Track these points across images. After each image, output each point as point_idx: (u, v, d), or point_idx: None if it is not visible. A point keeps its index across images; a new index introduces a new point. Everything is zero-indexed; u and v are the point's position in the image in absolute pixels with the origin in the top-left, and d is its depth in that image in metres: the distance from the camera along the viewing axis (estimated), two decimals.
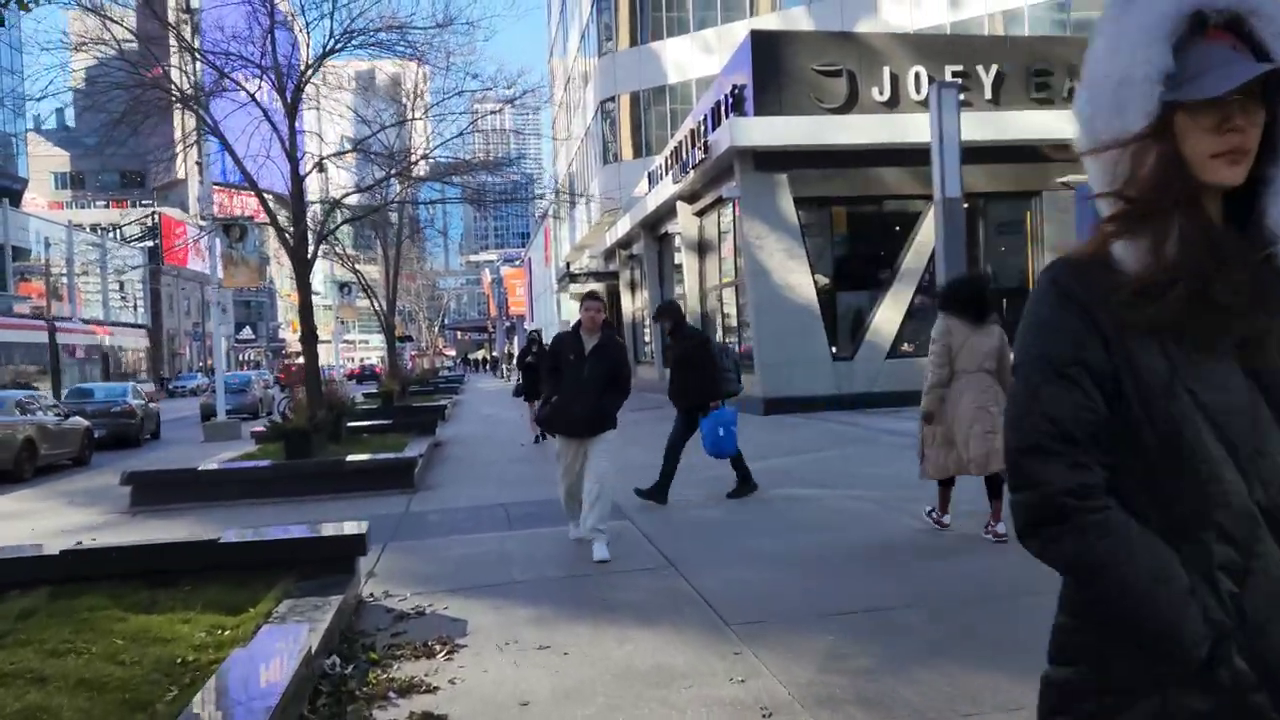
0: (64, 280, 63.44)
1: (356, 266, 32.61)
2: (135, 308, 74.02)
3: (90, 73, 22.94)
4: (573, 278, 38.99)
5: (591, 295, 8.07)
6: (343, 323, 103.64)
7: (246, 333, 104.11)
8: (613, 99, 39.31)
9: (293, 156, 14.87)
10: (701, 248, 24.18)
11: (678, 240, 27.17)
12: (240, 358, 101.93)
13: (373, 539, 8.18)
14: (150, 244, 76.04)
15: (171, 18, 16.99)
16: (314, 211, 16.58)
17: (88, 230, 71.86)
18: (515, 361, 18.80)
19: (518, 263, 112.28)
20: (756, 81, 19.38)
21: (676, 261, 28.30)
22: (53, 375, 40.97)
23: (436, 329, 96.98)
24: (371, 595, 6.74)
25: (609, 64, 39.29)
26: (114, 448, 22.87)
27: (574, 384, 7.48)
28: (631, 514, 9.29)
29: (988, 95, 19.36)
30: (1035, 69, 20.14)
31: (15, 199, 62.36)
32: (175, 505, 11.40)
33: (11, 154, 66.44)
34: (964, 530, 7.66)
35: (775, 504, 9.66)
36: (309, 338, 15.11)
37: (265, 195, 16.17)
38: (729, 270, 22.56)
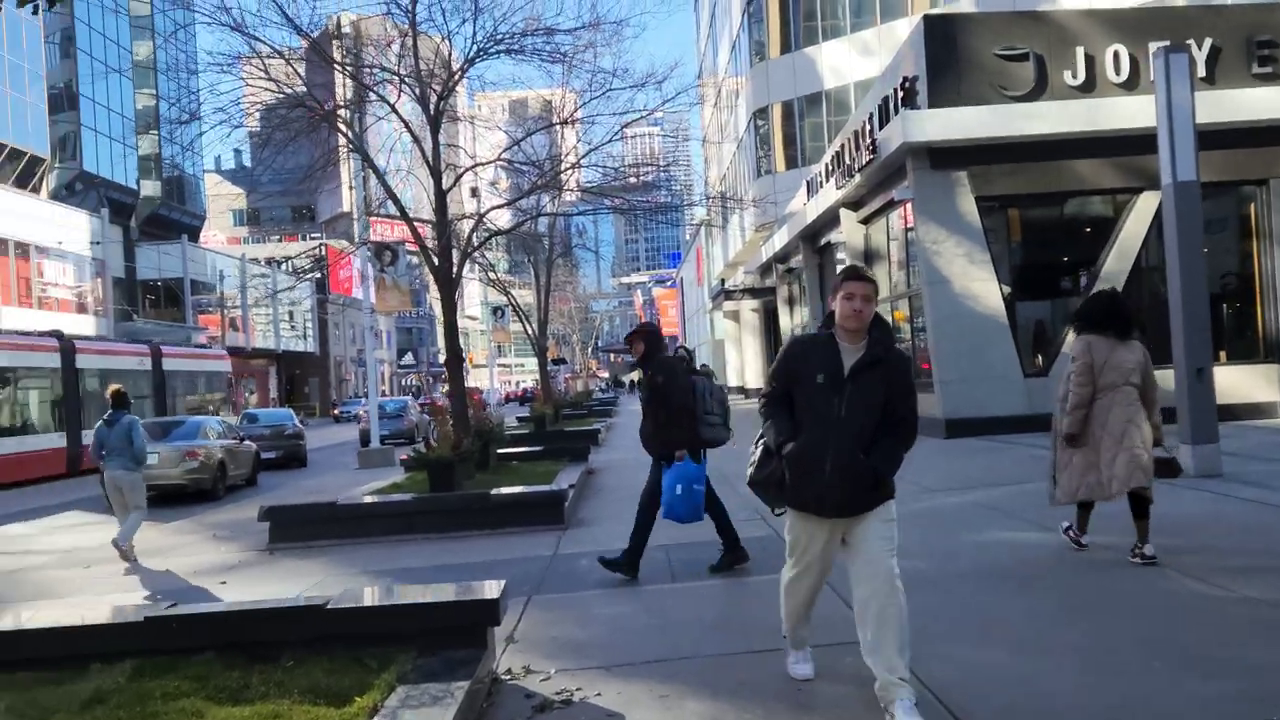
0: (239, 311, 66.16)
1: (509, 289, 32.14)
2: (304, 336, 76.67)
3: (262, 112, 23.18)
4: (727, 295, 37.63)
5: (855, 273, 4.51)
6: (498, 347, 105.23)
7: (408, 358, 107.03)
8: (765, 110, 37.89)
9: (436, 170, 14.07)
10: (868, 257, 22.43)
11: (840, 251, 25.44)
12: (402, 383, 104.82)
13: (517, 589, 7.04)
14: (317, 275, 78.74)
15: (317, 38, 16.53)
16: (459, 228, 15.80)
17: (261, 263, 74.91)
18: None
19: (669, 283, 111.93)
20: (931, 71, 17.63)
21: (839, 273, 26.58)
22: (155, 397, 41.63)
23: (589, 351, 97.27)
24: (509, 672, 5.50)
25: (761, 74, 37.91)
26: (280, 468, 24.64)
27: (825, 423, 4.40)
28: None
29: (1201, 73, 17.03)
30: (1257, 40, 17.68)
31: (194, 235, 65.37)
32: (313, 543, 10.59)
33: (194, 193, 69.81)
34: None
35: (992, 549, 8.01)
36: (454, 361, 14.25)
37: (409, 213, 15.44)
38: (900, 280, 20.75)
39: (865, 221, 22.43)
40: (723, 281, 46.54)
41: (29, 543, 13.99)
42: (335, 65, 14.97)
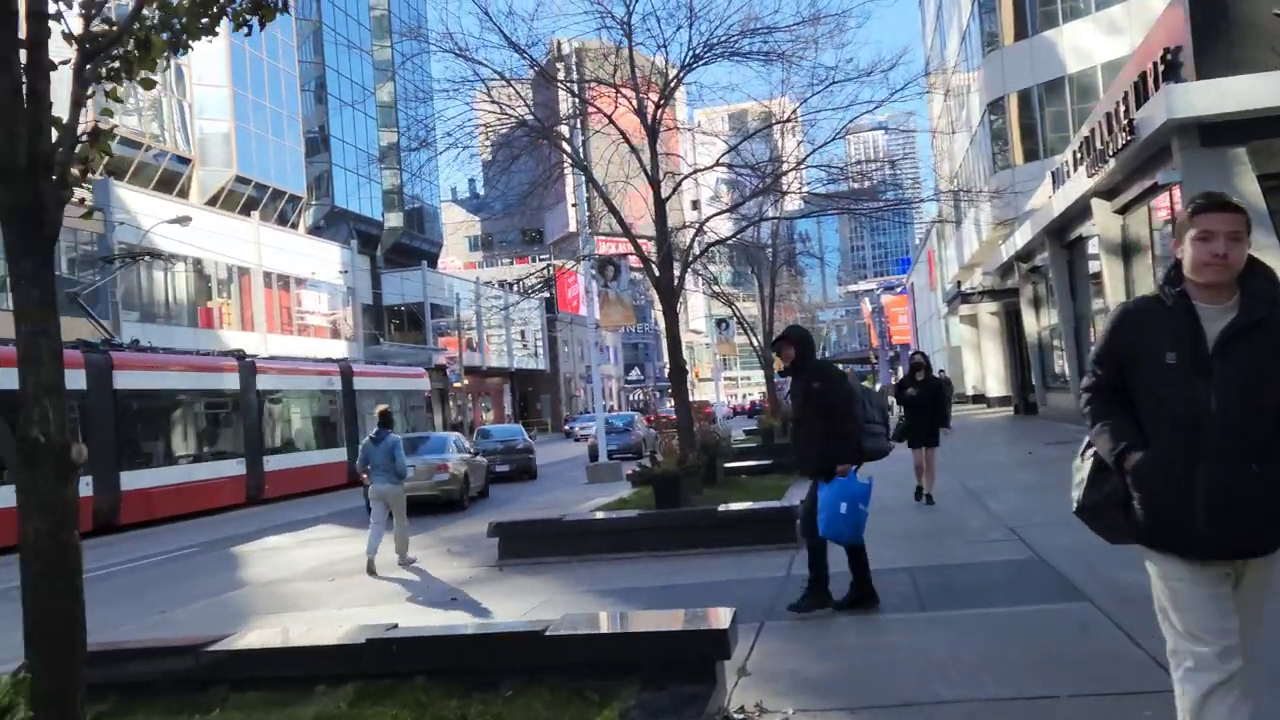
0: (474, 332, 69.22)
1: (732, 301, 31.74)
2: (535, 354, 79.29)
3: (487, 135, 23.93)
4: (964, 297, 35.70)
5: (1215, 203, 3.05)
6: (724, 360, 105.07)
7: (635, 374, 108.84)
8: (1000, 101, 35.75)
9: (655, 180, 13.81)
10: (1126, 250, 20.50)
11: (1093, 244, 23.45)
12: (629, 398, 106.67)
13: (747, 614, 6.47)
14: (546, 295, 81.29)
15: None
16: (679, 239, 15.49)
17: (495, 285, 78.14)
18: (895, 395, 15.09)
19: (899, 289, 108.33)
20: (1197, 39, 15.82)
21: (1092, 270, 24.52)
22: (345, 416, 43.81)
23: None
24: (742, 710, 4.95)
25: (995, 63, 35.83)
26: (512, 481, 25.92)
27: (1186, 421, 2.99)
28: (1093, 591, 6.86)
29: None
30: None
31: (433, 261, 68.97)
32: (541, 559, 10.43)
33: (432, 222, 73.82)
34: None
35: None
36: (678, 374, 13.90)
37: (629, 226, 15.26)
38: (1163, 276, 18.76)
39: (1122, 211, 20.51)
40: (959, 284, 44.29)
41: (284, 555, 14.70)
42: (559, 84, 14.99)
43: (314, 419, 30.44)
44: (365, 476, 11.99)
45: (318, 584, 10.58)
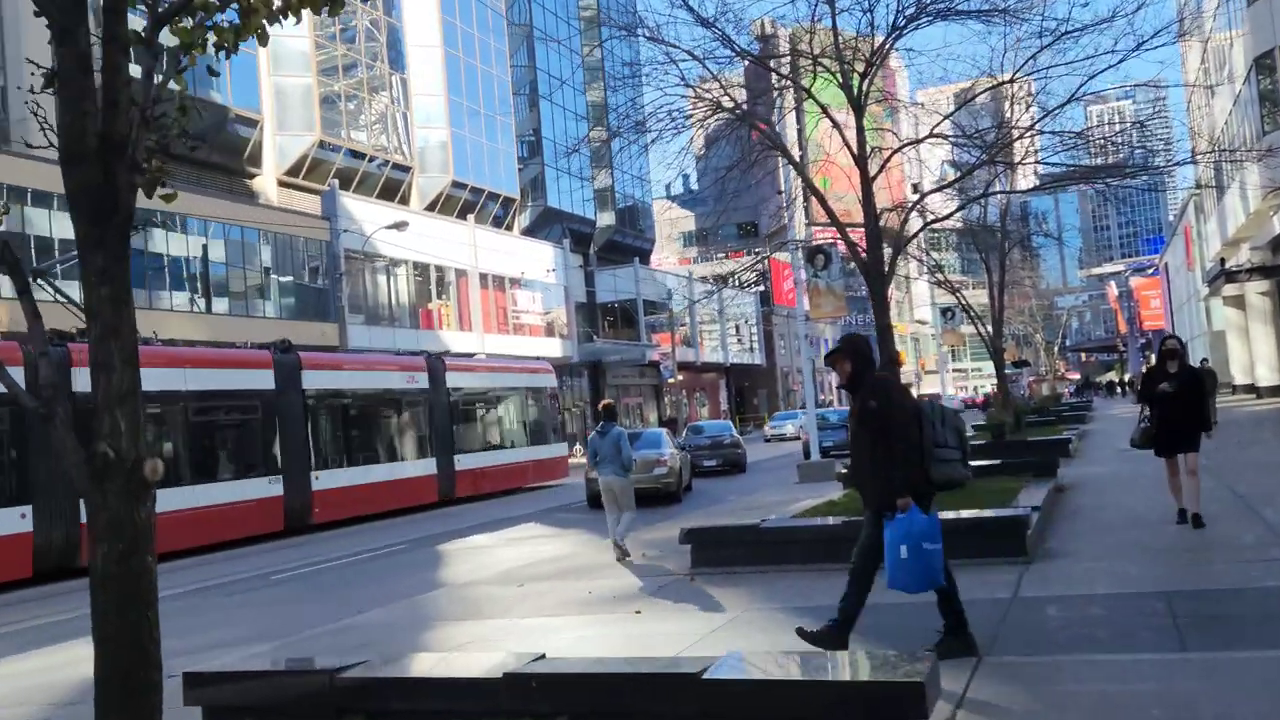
0: (689, 328, 69.10)
1: (957, 288, 29.73)
2: (751, 349, 78.42)
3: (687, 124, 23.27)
4: (1229, 276, 32.05)
5: None
6: (951, 351, 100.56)
7: None
8: (1270, 54, 31.82)
9: (860, 156, 12.67)
10: None
11: None
12: None
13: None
14: (761, 288, 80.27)
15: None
16: (889, 222, 14.22)
17: (710, 281, 77.85)
18: (1139, 389, 12.28)
19: (1150, 271, 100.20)
20: None
21: None
22: (430, 420, 43.40)
23: (1055, 351, 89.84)
24: None
25: (1263, 12, 31.95)
26: (721, 476, 26.42)
27: None
28: None
29: None
30: None
31: (645, 257, 69.35)
32: (735, 569, 9.62)
33: (645, 218, 74.28)
34: None
35: None
36: (887, 366, 12.68)
37: (838, 216, 14.16)
38: None
39: None
40: (1221, 262, 40.02)
41: (486, 555, 14.54)
42: (763, 64, 14.07)
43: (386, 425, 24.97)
44: (592, 470, 12.42)
45: (508, 589, 10.16)
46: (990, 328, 26.72)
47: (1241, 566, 7.85)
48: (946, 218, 13.38)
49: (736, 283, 79.52)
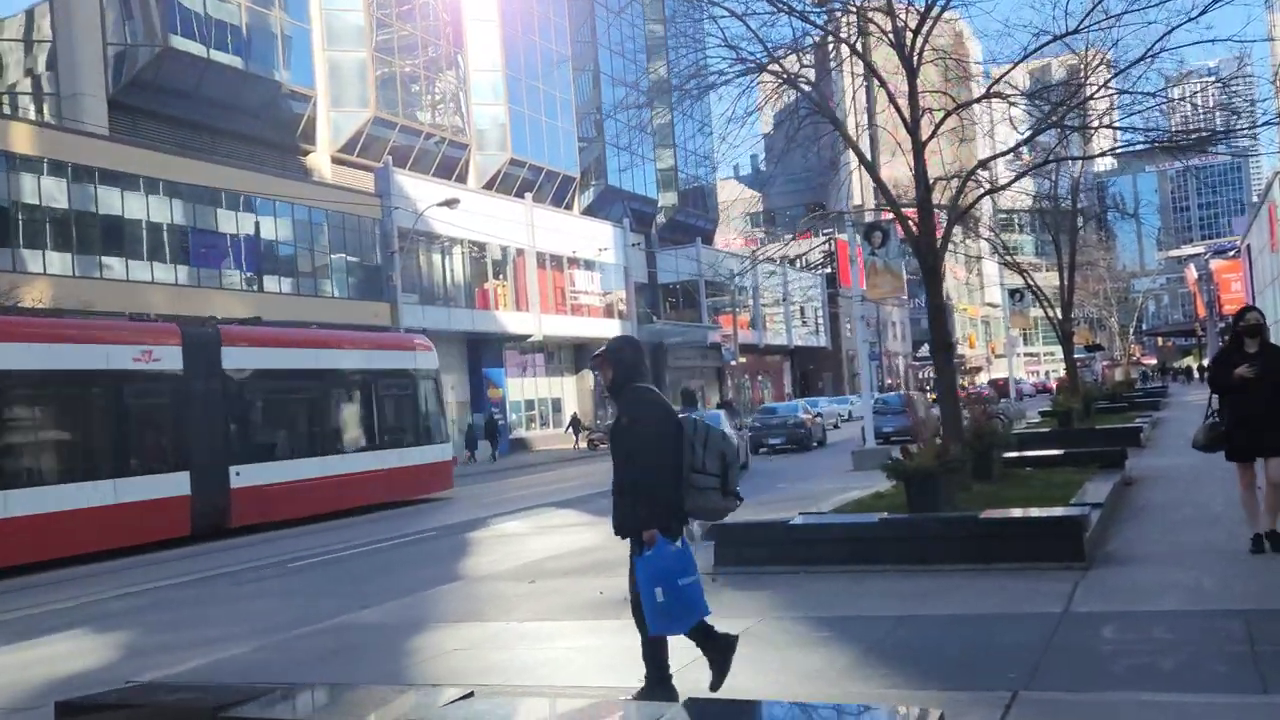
0: (751, 310, 68.03)
1: (1024, 269, 28.39)
2: (816, 331, 77.03)
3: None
4: None
5: None
6: (1022, 334, 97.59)
7: (924, 350, 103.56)
8: None
9: (912, 118, 11.70)
10: None
11: None
12: (919, 375, 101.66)
13: (999, 672, 4.71)
14: (828, 270, 78.81)
15: None
16: (944, 191, 13.20)
17: (777, 261, 76.52)
18: (1210, 373, 9.34)
19: (1232, 253, 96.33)
20: None
21: None
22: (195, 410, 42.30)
23: (1131, 335, 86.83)
24: None
25: None
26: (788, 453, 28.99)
27: None
28: None
29: None
30: None
31: (709, 238, 68.30)
32: (763, 569, 8.85)
33: (710, 199, 73.11)
34: None
35: None
36: (941, 348, 11.77)
37: (889, 188, 13.20)
38: None
39: None
40: None
41: (513, 545, 13.95)
42: (801, 18, 13.12)
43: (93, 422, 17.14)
44: None
45: (519, 586, 9.51)
46: (1060, 310, 25.38)
47: None
48: (1007, 186, 12.33)
49: (804, 264, 78.25)
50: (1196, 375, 68.44)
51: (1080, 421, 23.50)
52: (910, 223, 11.84)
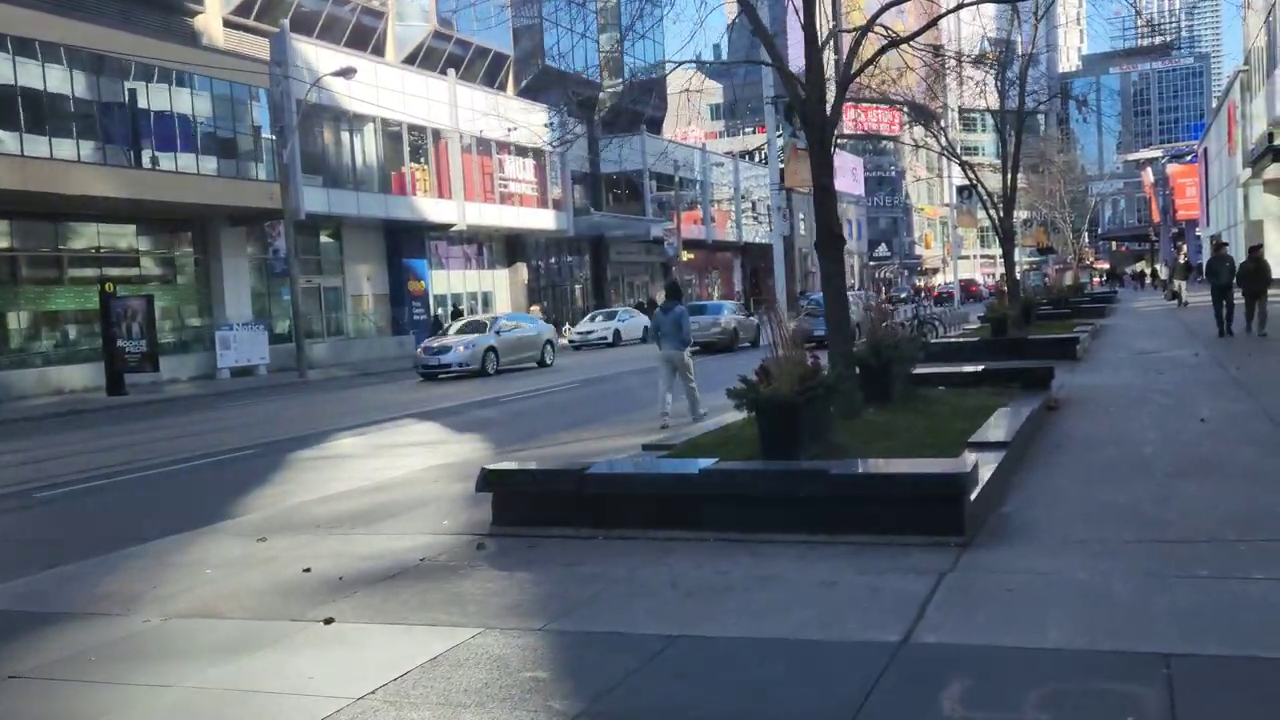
0: (701, 204, 65.29)
1: (967, 163, 25.97)
2: (770, 228, 74.50)
3: None
4: (1277, 154, 28.06)
5: None
6: (980, 236, 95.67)
7: (881, 250, 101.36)
8: None
9: None
10: None
11: None
12: (874, 276, 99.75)
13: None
14: (783, 164, 75.86)
15: None
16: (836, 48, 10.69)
17: (737, 155, 73.55)
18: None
19: (1189, 158, 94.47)
20: None
21: None
22: None
23: (1084, 239, 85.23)
24: None
25: None
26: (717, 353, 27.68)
27: None
28: None
29: None
30: None
31: (655, 127, 64.97)
32: (550, 531, 6.67)
33: (659, 86, 69.30)
34: None
35: None
36: (828, 241, 9.47)
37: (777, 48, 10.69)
38: None
39: None
40: (1270, 137, 35.77)
41: (321, 470, 11.73)
42: None
43: None
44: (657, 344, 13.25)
45: (241, 545, 7.15)
46: (1000, 209, 23.14)
47: None
48: (911, 38, 9.87)
49: (763, 158, 75.16)
50: (1150, 281, 67.02)
51: (1017, 329, 21.50)
52: (798, 85, 9.42)
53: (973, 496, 6.11)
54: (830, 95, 9.90)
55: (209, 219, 31.50)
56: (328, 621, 5.12)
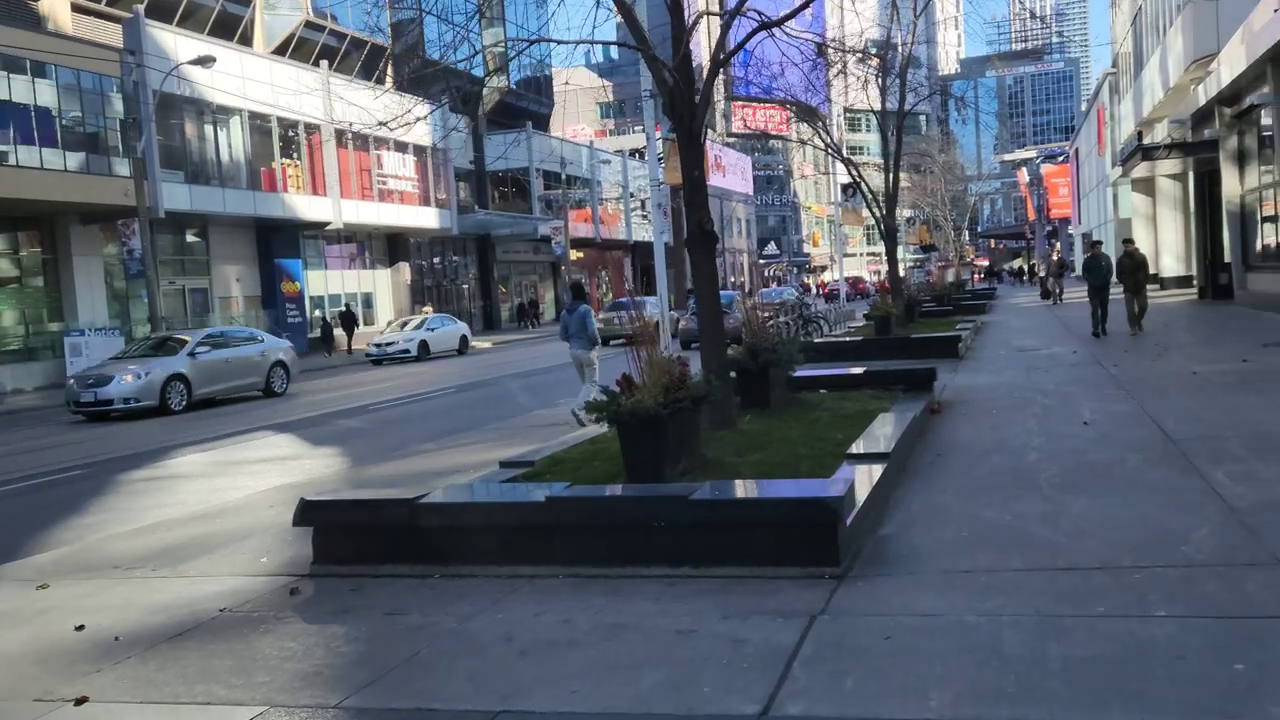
0: (589, 202, 64.55)
1: (850, 160, 25.84)
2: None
3: None
4: (1145, 153, 28.70)
5: None
6: (866, 234, 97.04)
7: (771, 248, 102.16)
8: None
9: None
10: None
11: None
12: (765, 274, 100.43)
13: None
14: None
15: None
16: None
17: (627, 154, 72.92)
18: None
19: (1061, 158, 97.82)
20: None
21: None
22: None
23: (965, 237, 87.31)
24: None
25: None
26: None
27: None
28: None
29: None
30: None
31: (542, 124, 63.97)
32: (381, 568, 5.84)
33: (544, 81, 68.34)
34: None
35: None
36: (698, 239, 8.82)
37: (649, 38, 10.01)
38: None
39: None
40: (1139, 135, 36.76)
41: (151, 496, 10.59)
42: None
43: None
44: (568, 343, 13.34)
45: (16, 593, 6.20)
46: (882, 205, 22.99)
47: (1202, 603, 4.25)
48: (783, 20, 9.28)
49: (644, 157, 74.65)
50: (1027, 277, 68.92)
51: (901, 328, 21.41)
52: (664, 70, 8.75)
53: (849, 521, 5.50)
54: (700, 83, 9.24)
55: (58, 217, 29.40)
56: (79, 702, 4.21)
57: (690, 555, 5.42)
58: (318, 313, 42.19)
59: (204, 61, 27.00)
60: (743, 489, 5.92)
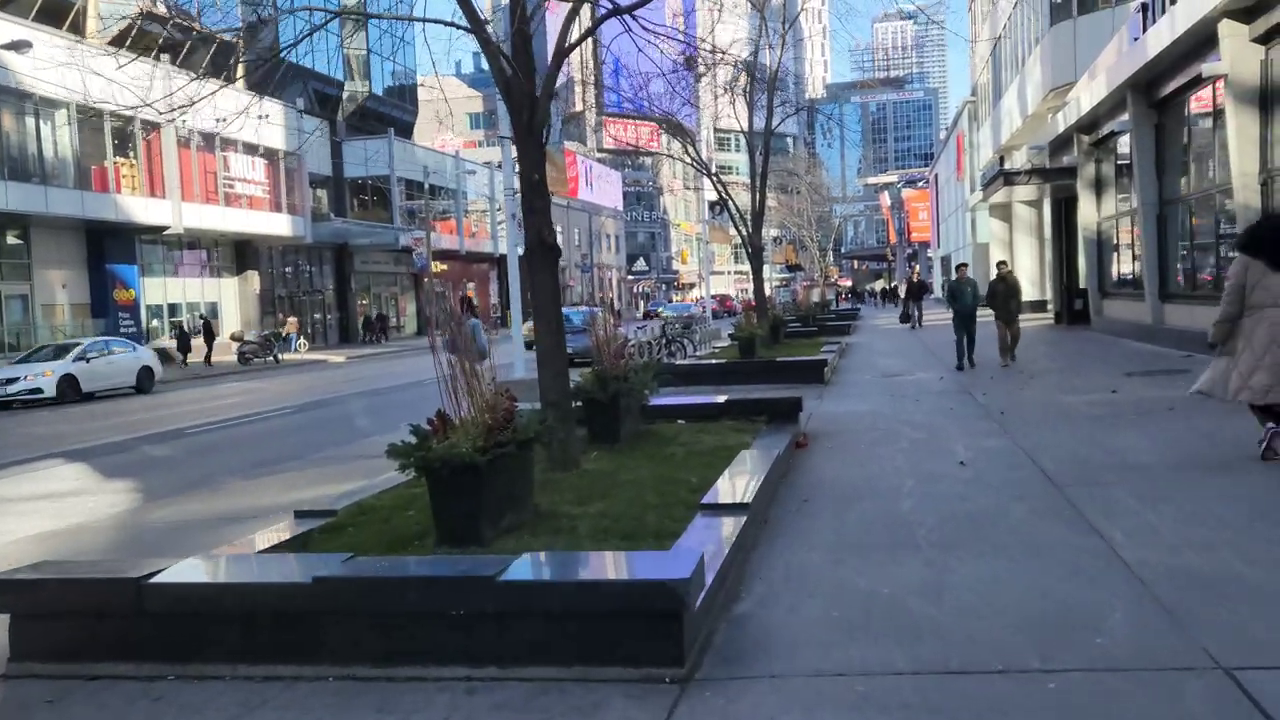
0: (454, 214, 62.76)
1: (717, 177, 25.19)
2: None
3: None
4: (1008, 178, 29.00)
5: None
6: (733, 252, 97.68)
7: (640, 265, 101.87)
8: None
9: None
10: (1269, 98, 14.04)
11: (1198, 101, 17.02)
12: (634, 290, 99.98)
13: None
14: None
15: None
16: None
17: (495, 165, 71.23)
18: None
19: (922, 184, 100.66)
20: None
21: (1200, 132, 18.07)
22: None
23: (830, 257, 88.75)
24: None
25: None
26: None
27: None
28: None
29: None
30: None
31: (406, 131, 61.95)
32: (100, 669, 4.49)
33: (408, 88, 66.23)
34: None
35: None
36: (538, 252, 7.71)
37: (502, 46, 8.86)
38: None
39: (1266, 39, 13.96)
40: (1001, 160, 37.45)
41: None
42: None
43: None
44: None
45: None
46: (749, 224, 22.34)
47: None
48: (633, 8, 8.35)
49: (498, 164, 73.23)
50: (889, 300, 70.17)
51: (766, 349, 20.74)
52: (502, 58, 7.62)
53: (698, 603, 4.43)
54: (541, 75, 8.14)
55: None
56: None
57: (496, 652, 4.27)
58: (155, 322, 39.39)
59: (18, 46, 24.61)
60: (563, 567, 4.78)
